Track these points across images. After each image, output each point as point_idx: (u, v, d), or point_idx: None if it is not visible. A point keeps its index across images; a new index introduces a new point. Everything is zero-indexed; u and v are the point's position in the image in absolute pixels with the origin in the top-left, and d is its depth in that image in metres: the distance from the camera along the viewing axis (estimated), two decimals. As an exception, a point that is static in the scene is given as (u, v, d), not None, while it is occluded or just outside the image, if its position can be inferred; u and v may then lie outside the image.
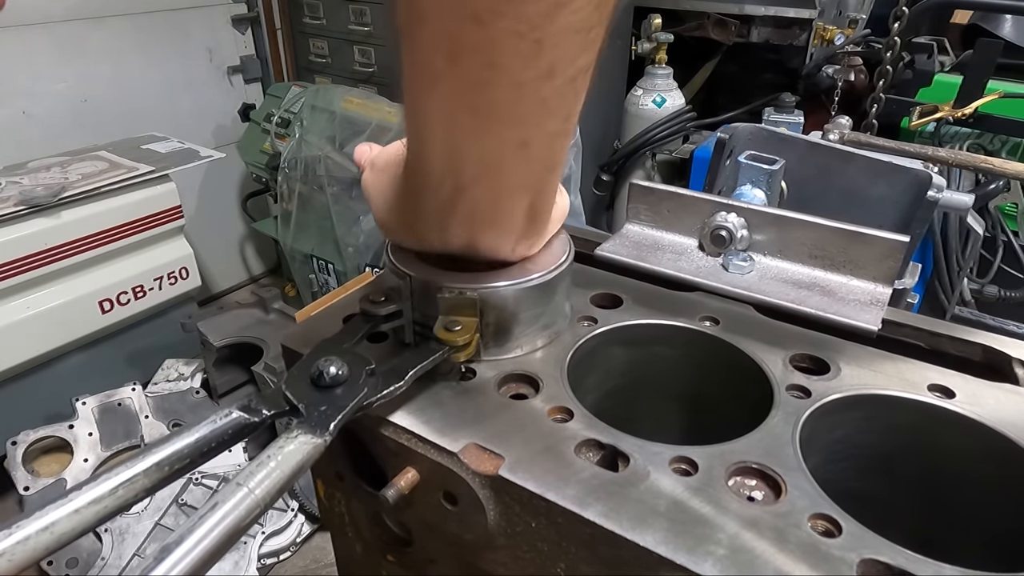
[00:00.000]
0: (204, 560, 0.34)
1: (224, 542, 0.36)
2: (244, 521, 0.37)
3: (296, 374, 0.46)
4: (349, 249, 2.21)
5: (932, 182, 0.90)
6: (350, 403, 0.44)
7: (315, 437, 0.42)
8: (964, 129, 1.91)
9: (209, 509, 0.36)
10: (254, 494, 0.37)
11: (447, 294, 0.51)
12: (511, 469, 0.44)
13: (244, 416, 0.44)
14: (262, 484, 0.38)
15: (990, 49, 1.73)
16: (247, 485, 0.38)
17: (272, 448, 0.41)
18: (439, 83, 0.38)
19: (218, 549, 0.35)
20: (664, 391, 0.64)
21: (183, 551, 0.34)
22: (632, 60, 2.63)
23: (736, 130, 0.95)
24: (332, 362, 0.46)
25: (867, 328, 0.54)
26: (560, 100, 0.39)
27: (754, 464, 0.44)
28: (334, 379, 0.45)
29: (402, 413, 0.49)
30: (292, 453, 0.40)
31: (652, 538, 0.39)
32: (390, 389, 0.47)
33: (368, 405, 0.46)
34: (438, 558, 0.55)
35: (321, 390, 0.45)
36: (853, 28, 2.39)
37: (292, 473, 0.40)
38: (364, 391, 0.45)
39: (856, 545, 0.39)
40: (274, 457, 0.40)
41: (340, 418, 0.43)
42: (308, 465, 0.41)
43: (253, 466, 0.39)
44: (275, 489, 0.39)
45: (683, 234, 0.66)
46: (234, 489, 0.37)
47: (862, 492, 0.52)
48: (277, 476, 0.39)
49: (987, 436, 0.48)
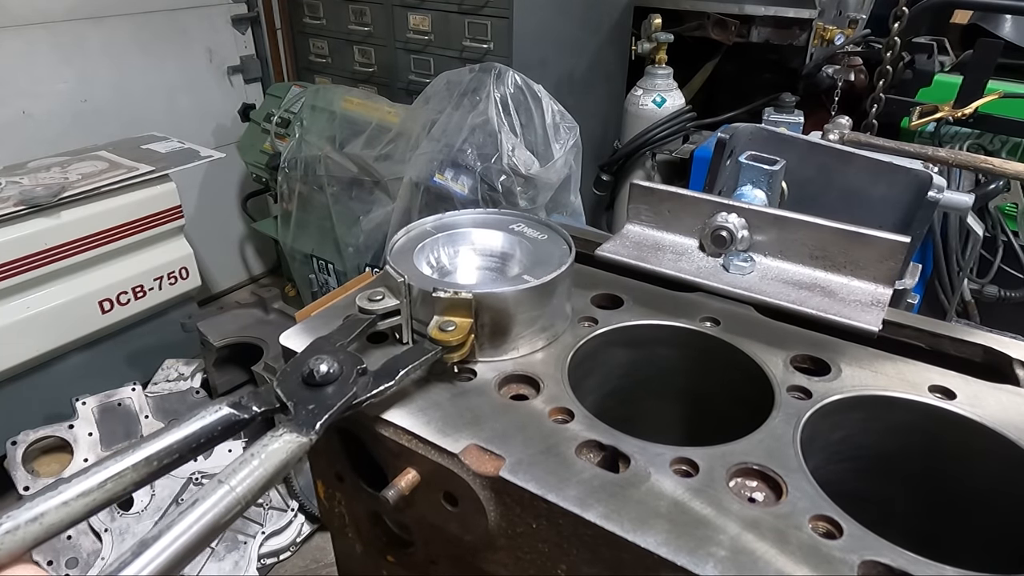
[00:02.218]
0: (182, 556, 0.35)
1: (203, 538, 0.36)
2: (224, 518, 0.37)
3: (288, 371, 0.47)
4: (349, 249, 2.21)
5: (932, 182, 0.90)
6: (338, 402, 0.44)
7: (300, 436, 0.42)
8: (964, 129, 1.91)
9: (189, 506, 0.36)
10: (235, 491, 0.38)
11: (443, 294, 0.51)
12: (512, 470, 0.44)
13: (233, 413, 0.44)
14: (243, 482, 0.38)
15: (990, 49, 1.73)
16: (228, 482, 0.38)
17: (256, 446, 0.41)
18: None
19: (196, 545, 0.35)
20: (665, 392, 0.64)
21: (161, 546, 0.34)
22: (632, 60, 2.63)
23: (736, 130, 0.94)
24: (323, 360, 0.46)
25: (868, 329, 0.54)
26: None
27: (755, 465, 0.44)
28: (324, 377, 0.45)
29: (403, 414, 0.49)
30: (276, 451, 0.40)
31: (653, 539, 0.39)
32: (380, 388, 0.47)
33: (358, 404, 0.46)
34: (438, 559, 0.55)
35: (311, 388, 0.45)
36: (853, 28, 2.39)
37: (275, 471, 0.40)
38: (354, 390, 0.45)
39: (857, 546, 0.39)
40: (257, 455, 0.40)
41: (327, 417, 0.43)
42: (292, 463, 0.41)
43: (236, 463, 0.39)
44: (257, 487, 0.39)
45: (684, 234, 0.66)
46: (215, 486, 0.37)
47: (863, 493, 0.52)
48: (260, 474, 0.39)
49: (988, 437, 0.48)
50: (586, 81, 2.41)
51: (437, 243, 0.62)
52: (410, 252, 0.60)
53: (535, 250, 0.61)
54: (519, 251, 0.61)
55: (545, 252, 0.60)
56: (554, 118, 1.92)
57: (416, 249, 0.61)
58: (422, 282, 0.53)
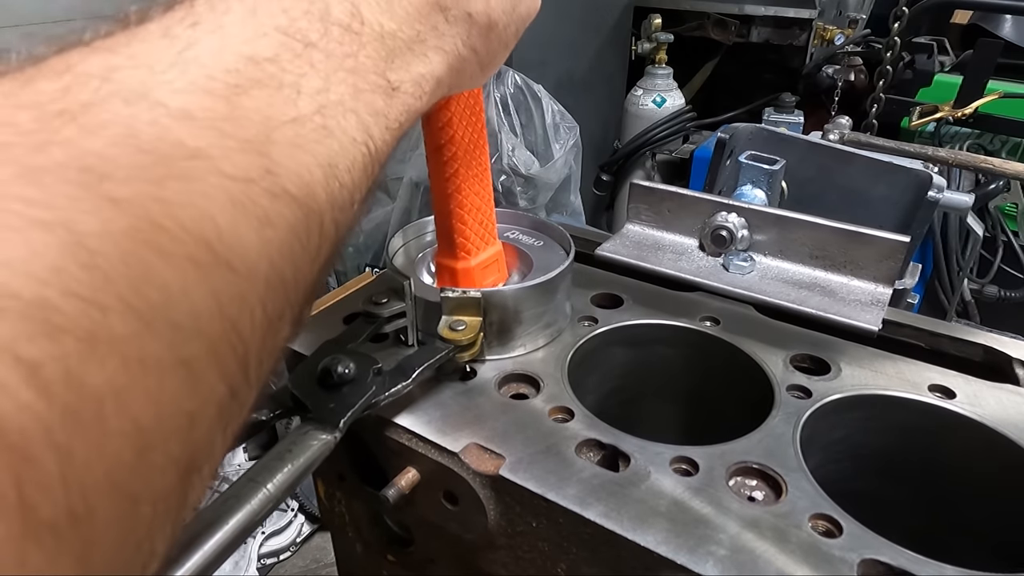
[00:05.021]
0: (223, 554, 0.34)
1: (240, 538, 0.36)
2: (258, 516, 0.37)
3: (302, 373, 0.46)
4: (349, 249, 2.21)
5: (932, 182, 0.90)
6: (358, 401, 0.44)
7: (325, 434, 0.42)
8: (964, 129, 1.91)
9: (227, 506, 0.36)
10: (268, 490, 0.37)
11: (451, 294, 0.51)
12: (512, 469, 0.44)
13: (253, 415, 0.44)
14: (276, 481, 0.38)
15: (990, 49, 1.73)
16: (263, 483, 0.38)
17: (283, 445, 0.40)
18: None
19: (235, 544, 0.35)
20: (665, 391, 0.64)
21: (207, 546, 0.34)
22: (632, 60, 2.63)
23: (736, 130, 0.94)
24: (339, 361, 0.46)
25: (868, 328, 0.54)
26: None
27: (755, 464, 0.44)
28: (341, 378, 0.45)
29: (403, 413, 0.49)
30: (303, 450, 0.40)
31: (653, 538, 0.39)
32: (397, 387, 0.47)
33: (376, 403, 0.45)
34: (438, 558, 0.55)
35: (328, 389, 0.45)
36: (853, 28, 2.39)
37: (304, 469, 0.40)
38: (372, 389, 0.45)
39: (857, 545, 0.39)
40: (285, 453, 0.40)
41: (350, 415, 0.43)
42: (319, 462, 0.41)
43: (267, 462, 0.39)
44: (287, 485, 0.39)
45: (684, 234, 0.66)
46: (251, 486, 0.37)
47: (863, 492, 0.52)
48: (289, 472, 0.39)
49: (988, 436, 0.48)
50: (586, 81, 2.41)
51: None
52: (411, 263, 0.61)
53: (533, 256, 0.61)
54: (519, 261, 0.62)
55: (543, 258, 0.61)
56: (554, 118, 1.92)
57: (417, 258, 0.61)
58: (426, 291, 0.54)
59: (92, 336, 0.17)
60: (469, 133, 0.51)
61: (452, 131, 0.50)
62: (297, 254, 0.24)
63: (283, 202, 0.23)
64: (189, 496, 0.21)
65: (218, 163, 0.21)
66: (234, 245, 0.21)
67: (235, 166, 0.22)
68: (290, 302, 0.25)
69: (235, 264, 0.21)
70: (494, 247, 0.57)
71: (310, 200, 0.24)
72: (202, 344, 0.20)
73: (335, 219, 0.26)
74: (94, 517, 0.17)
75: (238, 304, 0.21)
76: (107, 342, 0.17)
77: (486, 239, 0.56)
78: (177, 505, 0.20)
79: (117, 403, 0.17)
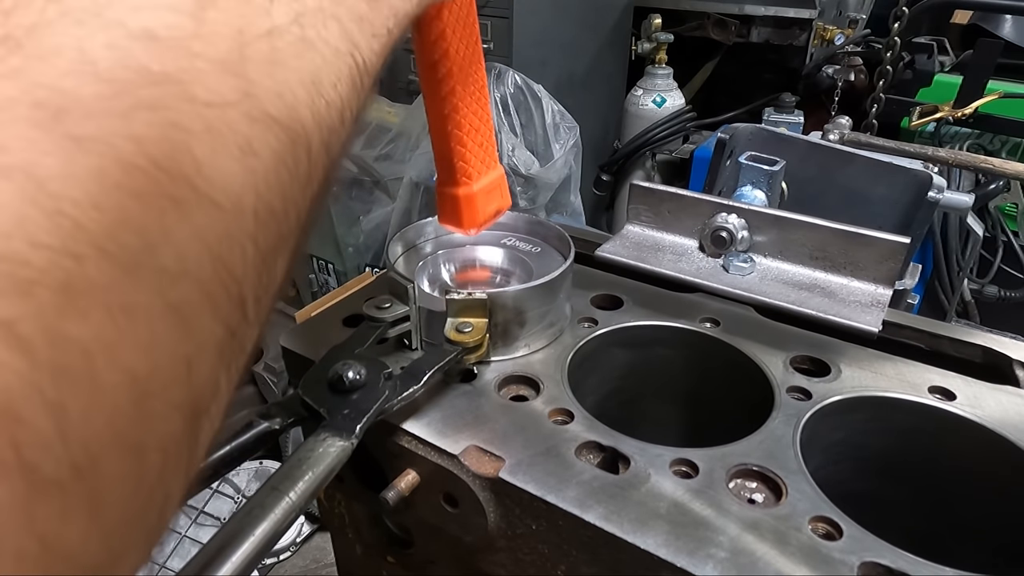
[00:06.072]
0: (249, 565, 0.34)
1: (267, 547, 0.36)
2: (283, 525, 0.37)
3: (311, 380, 0.46)
4: (349, 249, 2.21)
5: (932, 183, 0.90)
6: (373, 405, 0.44)
7: (342, 440, 0.41)
8: (964, 129, 1.91)
9: (252, 516, 0.36)
10: (291, 499, 0.37)
11: (456, 296, 0.51)
12: (511, 471, 0.44)
13: (267, 425, 0.44)
14: (298, 489, 0.38)
15: (990, 49, 1.73)
16: (286, 492, 0.37)
17: (302, 452, 0.40)
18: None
19: (262, 554, 0.35)
20: (664, 393, 0.64)
21: (236, 557, 0.34)
22: (632, 60, 2.63)
23: (736, 130, 0.94)
24: (350, 366, 0.45)
25: (868, 330, 0.54)
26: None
27: (755, 466, 0.44)
28: (353, 383, 0.45)
29: (403, 415, 0.49)
30: (322, 456, 0.40)
31: (653, 541, 0.39)
32: (409, 391, 0.46)
33: (389, 408, 0.45)
34: (438, 559, 0.55)
35: (341, 394, 0.45)
36: (853, 28, 2.39)
37: (324, 477, 0.39)
38: (385, 394, 0.45)
39: (857, 548, 0.39)
40: (305, 461, 0.39)
41: (365, 420, 0.43)
42: (337, 468, 0.40)
43: (288, 470, 0.39)
44: (309, 493, 0.38)
45: (683, 235, 0.66)
46: (275, 495, 0.37)
47: (863, 494, 0.52)
48: (310, 480, 0.39)
49: (988, 438, 0.48)
50: (586, 81, 2.41)
51: (437, 260, 0.63)
52: (411, 272, 0.61)
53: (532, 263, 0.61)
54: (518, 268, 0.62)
55: (542, 264, 0.61)
56: (554, 118, 1.92)
57: (417, 267, 0.61)
58: (428, 300, 0.53)
59: (68, 287, 0.16)
60: (464, 47, 0.47)
61: (446, 44, 0.46)
62: (286, 183, 0.22)
63: (265, 126, 0.21)
64: (200, 438, 0.21)
65: (189, 88, 0.19)
66: (215, 178, 0.19)
67: (209, 90, 0.20)
68: (283, 234, 0.23)
69: (218, 199, 0.20)
70: (496, 171, 0.54)
71: (295, 122, 0.22)
72: (191, 287, 0.19)
73: (324, 141, 0.24)
74: (99, 470, 0.16)
75: (226, 241, 0.20)
76: (86, 293, 0.16)
77: (487, 162, 0.52)
78: (188, 449, 0.20)
79: (107, 354, 0.16)
